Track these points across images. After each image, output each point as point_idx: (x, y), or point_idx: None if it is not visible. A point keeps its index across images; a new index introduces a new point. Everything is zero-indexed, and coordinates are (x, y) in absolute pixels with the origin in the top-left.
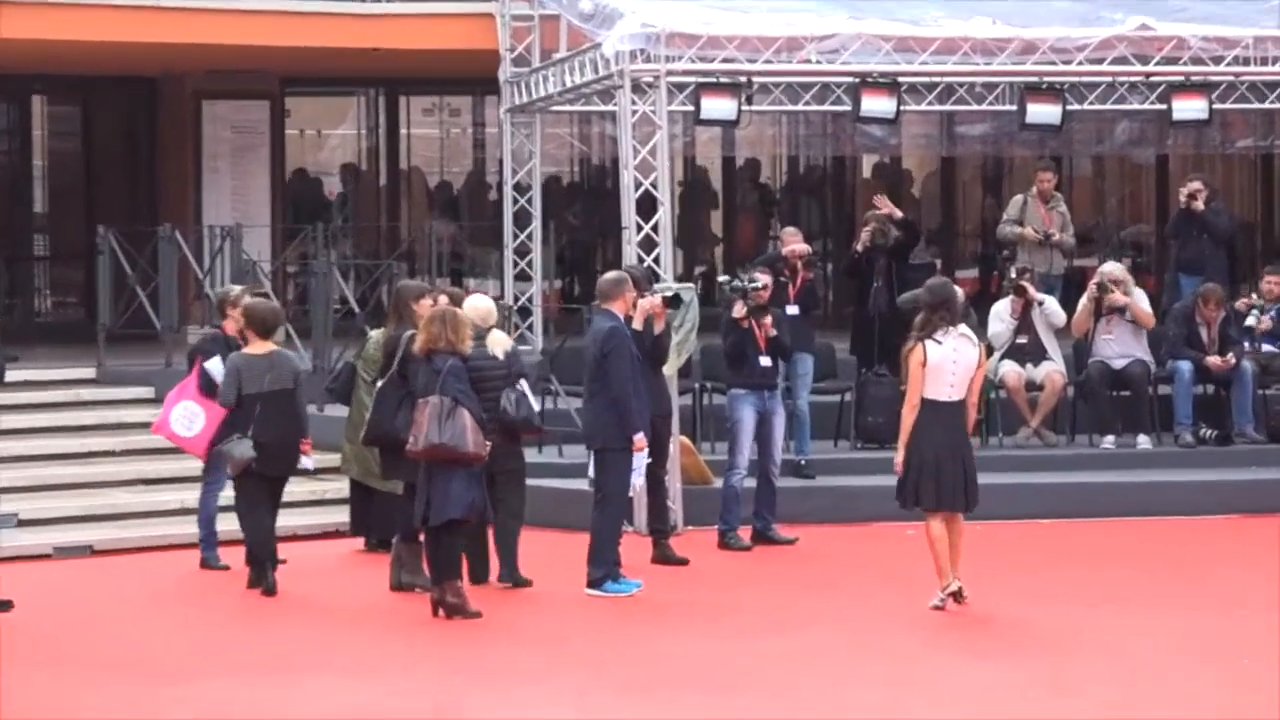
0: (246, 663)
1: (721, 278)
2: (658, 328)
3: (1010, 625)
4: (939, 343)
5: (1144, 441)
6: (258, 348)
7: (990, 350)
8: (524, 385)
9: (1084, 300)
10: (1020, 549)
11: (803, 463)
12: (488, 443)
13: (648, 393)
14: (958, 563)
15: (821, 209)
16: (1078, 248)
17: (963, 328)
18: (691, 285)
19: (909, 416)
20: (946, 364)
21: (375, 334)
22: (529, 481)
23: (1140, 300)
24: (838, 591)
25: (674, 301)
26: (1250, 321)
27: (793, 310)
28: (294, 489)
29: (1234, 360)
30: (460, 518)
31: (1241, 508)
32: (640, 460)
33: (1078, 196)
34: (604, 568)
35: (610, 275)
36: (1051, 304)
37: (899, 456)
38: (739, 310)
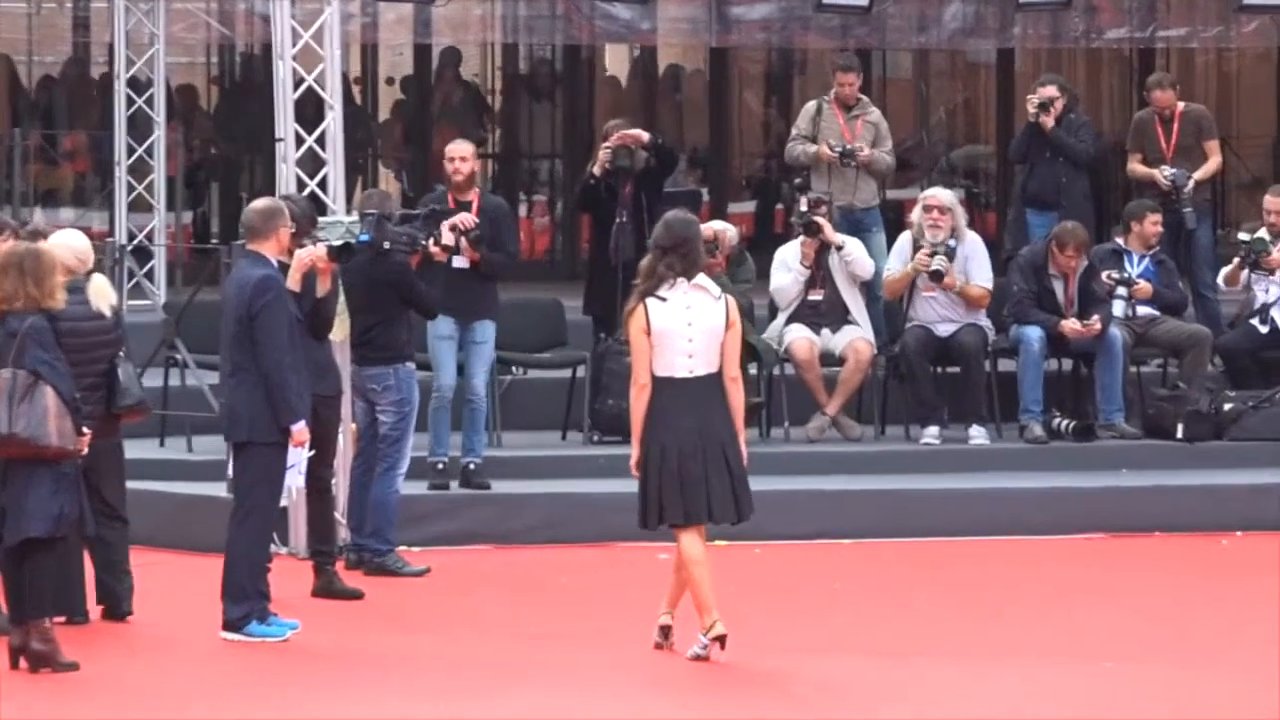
0: None
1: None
2: (322, 287)
3: (789, 681)
4: (663, 300)
5: (978, 434)
6: None
7: (773, 310)
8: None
9: (901, 252)
10: (807, 578)
11: (472, 466)
12: (85, 431)
13: (309, 367)
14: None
15: (551, 116)
16: (895, 173)
17: (700, 278)
18: (355, 219)
19: (637, 401)
20: (678, 328)
21: None
22: (139, 485)
23: (974, 259)
24: (558, 638)
25: (342, 252)
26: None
27: (462, 262)
28: None
29: (1099, 326)
30: (44, 536)
31: (1107, 524)
32: (299, 458)
33: (893, 105)
34: (246, 603)
35: (260, 204)
36: (855, 248)
37: (634, 454)
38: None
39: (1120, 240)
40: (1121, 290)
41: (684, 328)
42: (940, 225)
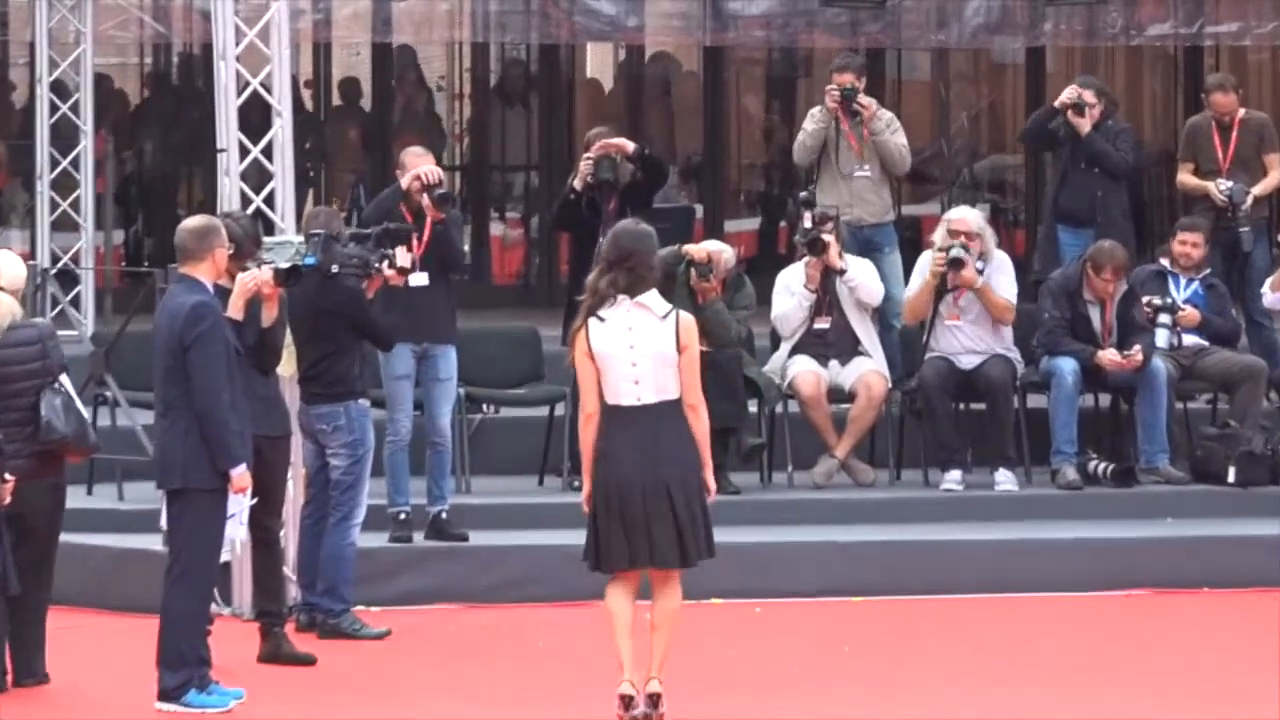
0: None
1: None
2: (268, 315)
3: None
4: (602, 320)
5: (1005, 479)
6: None
7: (775, 340)
8: (66, 383)
9: (921, 270)
10: (813, 640)
11: (443, 515)
12: (6, 477)
13: (253, 404)
14: (663, 655)
15: (525, 124)
16: (913, 186)
17: (646, 296)
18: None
19: (584, 431)
20: (619, 351)
21: None
22: (64, 537)
23: (1000, 275)
24: (532, 706)
25: (290, 275)
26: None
27: (419, 278)
28: None
29: (1140, 357)
30: None
31: (1150, 579)
32: (240, 506)
33: (909, 111)
34: (185, 670)
35: (193, 223)
36: (860, 271)
37: (585, 487)
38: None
39: (1165, 261)
40: (1164, 318)
41: (626, 351)
42: (971, 249)
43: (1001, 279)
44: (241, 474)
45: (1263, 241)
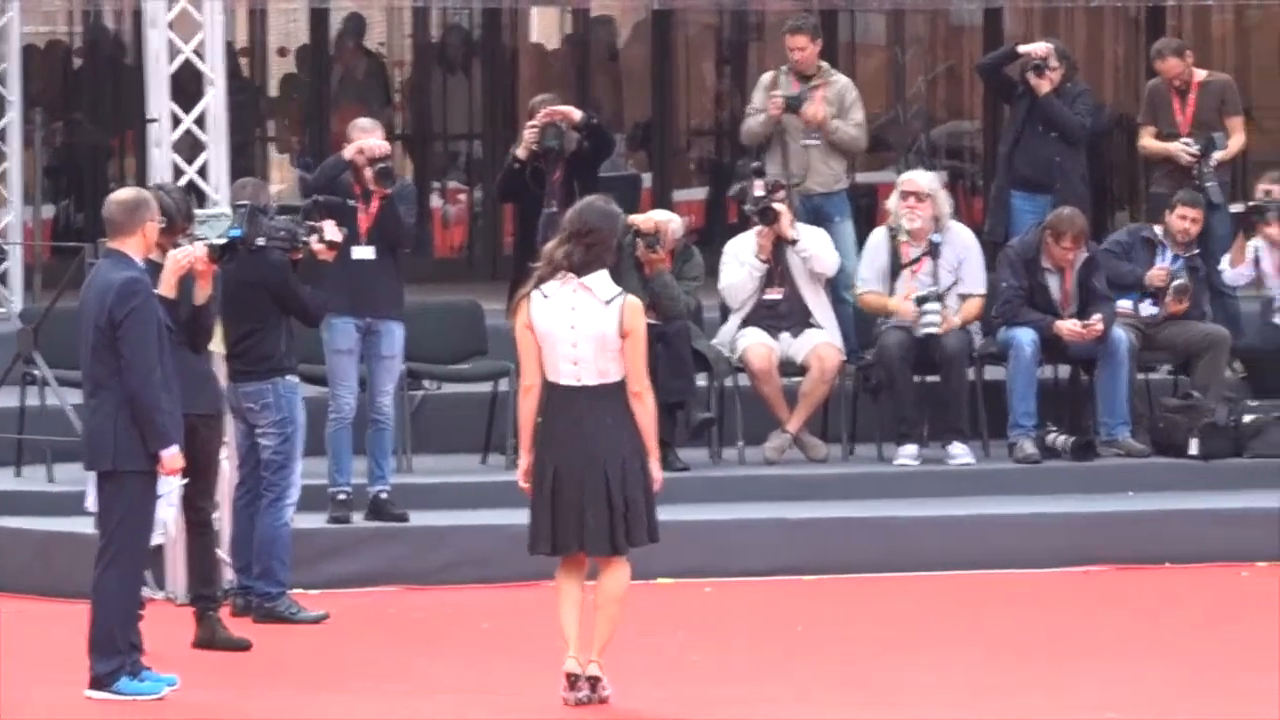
0: None
1: None
2: (201, 292)
3: None
4: (546, 296)
5: (959, 453)
6: None
7: (725, 312)
8: None
9: (873, 247)
10: (764, 620)
11: (383, 495)
12: None
13: (185, 382)
14: (605, 637)
15: (468, 91)
16: (866, 153)
17: (593, 278)
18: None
19: (523, 404)
20: (560, 330)
21: None
22: None
23: (966, 262)
24: (474, 693)
25: (225, 251)
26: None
27: (365, 251)
28: None
29: (1101, 327)
30: None
31: (1111, 554)
32: (172, 487)
33: (864, 76)
34: (117, 657)
35: (122, 195)
36: (814, 241)
37: (523, 462)
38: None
39: (1159, 230)
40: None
41: (567, 331)
42: (919, 213)
43: (969, 266)
44: (173, 455)
45: (1223, 209)
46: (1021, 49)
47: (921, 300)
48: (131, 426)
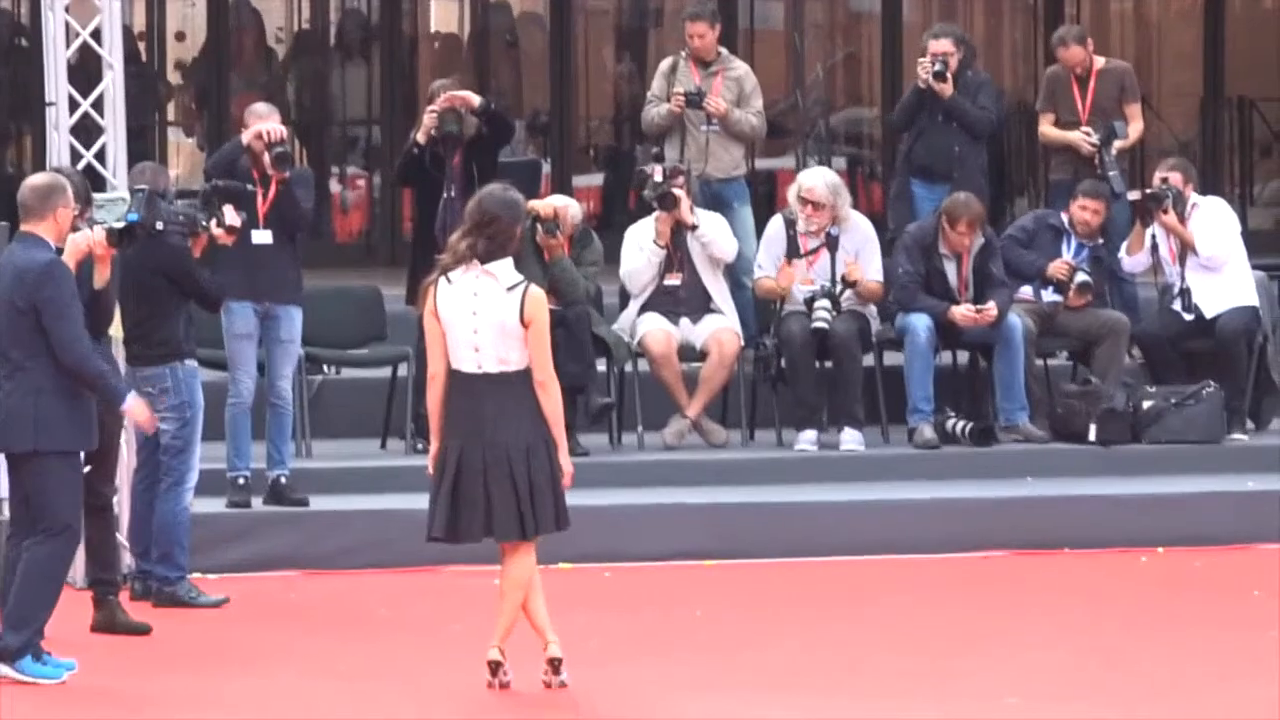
0: None
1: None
2: (100, 277)
3: None
4: (450, 283)
5: (851, 440)
6: None
7: (624, 298)
8: None
9: (771, 235)
10: (664, 605)
11: (283, 479)
12: None
13: None
14: (507, 623)
15: (366, 77)
16: (765, 140)
17: (496, 265)
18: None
19: (430, 392)
20: (462, 317)
21: None
22: None
23: (863, 252)
24: (372, 679)
25: (123, 235)
26: None
27: (263, 236)
28: None
29: (995, 312)
30: None
31: (1009, 540)
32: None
33: (762, 62)
34: (27, 632)
35: (37, 180)
36: (713, 227)
37: (432, 448)
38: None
39: (1065, 219)
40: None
41: (468, 317)
42: (815, 220)
43: (867, 255)
44: (133, 402)
45: (1124, 197)
46: (922, 74)
47: (810, 301)
48: (53, 407)
